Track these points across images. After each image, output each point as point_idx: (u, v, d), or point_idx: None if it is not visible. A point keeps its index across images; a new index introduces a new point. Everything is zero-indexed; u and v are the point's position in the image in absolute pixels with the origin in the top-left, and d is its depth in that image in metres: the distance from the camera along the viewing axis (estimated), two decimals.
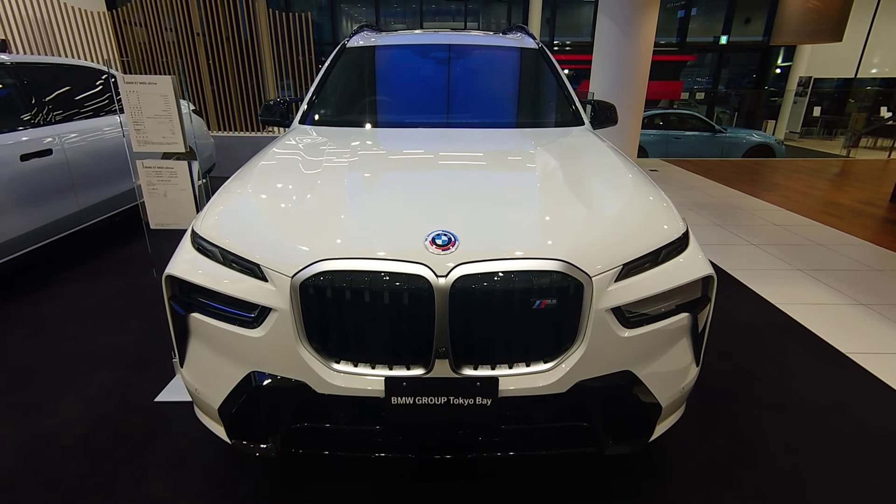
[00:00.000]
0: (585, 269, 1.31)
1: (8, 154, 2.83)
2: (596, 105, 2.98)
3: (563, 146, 2.31)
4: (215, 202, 1.67)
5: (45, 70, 3.41)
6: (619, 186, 1.78)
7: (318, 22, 16.48)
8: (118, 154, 3.69)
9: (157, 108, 1.80)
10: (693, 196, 5.89)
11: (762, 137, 9.89)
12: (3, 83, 3.08)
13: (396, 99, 2.85)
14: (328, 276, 1.28)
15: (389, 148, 2.22)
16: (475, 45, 3.09)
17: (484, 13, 17.04)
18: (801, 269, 3.63)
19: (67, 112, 3.43)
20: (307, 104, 2.68)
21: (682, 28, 15.40)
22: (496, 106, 2.83)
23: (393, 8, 17.07)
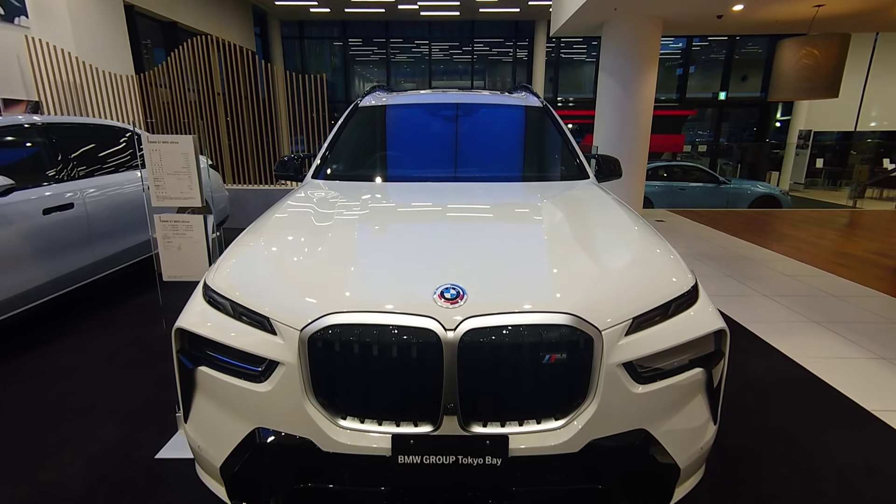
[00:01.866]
0: (595, 322, 1.30)
1: (31, 208, 2.93)
2: (600, 159, 3.05)
3: (568, 199, 2.35)
4: (228, 255, 1.70)
5: (73, 129, 3.60)
6: (626, 239, 1.79)
7: (332, 81, 17.35)
8: (135, 207, 3.81)
9: (177, 165, 1.88)
10: (701, 246, 5.88)
11: (767, 188, 9.99)
12: (33, 142, 3.25)
13: (406, 154, 2.95)
14: (337, 329, 1.29)
15: (399, 201, 2.27)
16: (482, 104, 3.21)
17: (490, 72, 17.88)
18: (818, 322, 3.56)
19: (90, 167, 3.58)
20: (320, 159, 2.77)
21: (681, 85, 16.00)
22: (502, 161, 2.91)
23: (403, 68, 17.99)
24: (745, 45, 15.84)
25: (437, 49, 17.34)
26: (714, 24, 7.17)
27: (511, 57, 17.35)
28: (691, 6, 6.19)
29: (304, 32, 16.92)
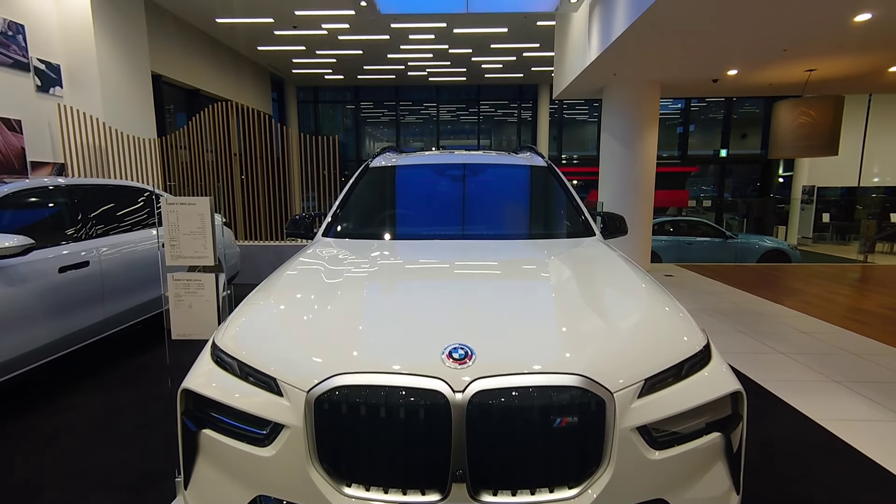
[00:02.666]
0: (606, 384, 1.28)
1: (48, 267, 3.00)
2: (606, 216, 3.09)
3: (575, 256, 2.37)
4: (238, 314, 1.71)
5: (93, 190, 3.75)
6: (634, 297, 1.78)
7: (344, 141, 18.06)
8: (147, 264, 3.87)
9: (192, 226, 1.94)
10: (712, 301, 5.81)
11: (775, 243, 9.98)
12: (55, 202, 3.38)
13: (415, 213, 3.01)
14: (344, 390, 1.27)
15: (408, 258, 2.30)
16: (488, 164, 3.31)
17: (496, 132, 18.55)
18: (838, 381, 3.44)
19: (108, 226, 3.69)
20: (331, 217, 2.84)
21: (682, 142, 16.44)
22: (509, 219, 2.96)
23: (412, 129, 18.74)
24: (743, 106, 16.40)
25: (445, 110, 18.12)
26: (710, 88, 7.48)
27: (516, 117, 18.05)
28: (687, 71, 6.49)
29: (318, 97, 17.83)
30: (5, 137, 5.64)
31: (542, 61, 12.96)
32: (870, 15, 4.10)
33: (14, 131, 5.75)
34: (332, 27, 10.05)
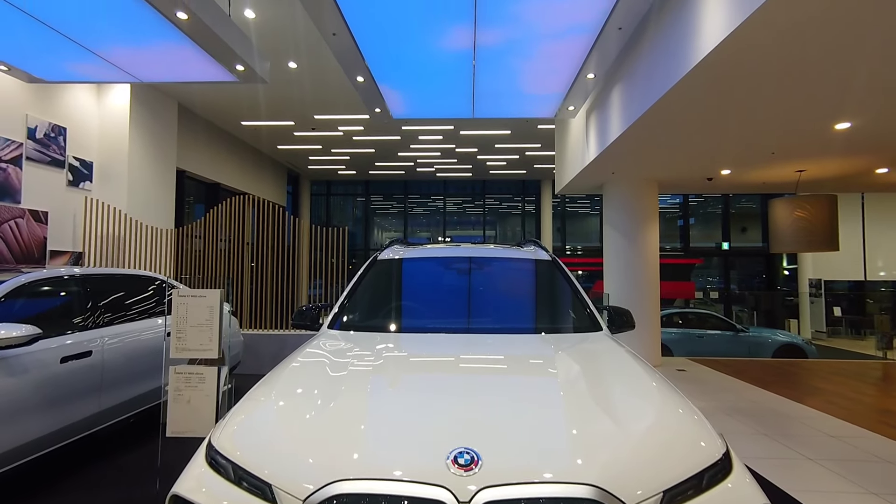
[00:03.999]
0: (622, 496, 1.20)
1: (51, 357, 2.97)
2: (612, 311, 3.08)
3: (583, 353, 2.32)
4: (237, 411, 1.66)
5: (106, 279, 3.83)
6: (646, 398, 1.73)
7: (353, 231, 18.63)
8: (148, 354, 3.83)
9: (201, 318, 1.97)
10: (729, 400, 5.55)
11: (789, 337, 9.76)
12: (68, 291, 3.44)
13: (421, 306, 3.02)
14: (342, 499, 1.20)
15: (413, 352, 2.27)
16: (493, 257, 3.38)
17: (500, 223, 19.11)
18: (877, 494, 3.17)
19: (115, 315, 3.71)
20: (338, 308, 2.85)
21: (683, 235, 16.79)
22: (514, 313, 2.95)
23: (419, 220, 19.39)
24: (739, 201, 16.95)
25: (452, 203, 18.86)
26: (706, 186, 7.81)
27: (520, 210, 18.68)
28: (682, 171, 6.83)
29: (330, 190, 18.73)
30: (30, 228, 5.89)
31: (543, 159, 13.72)
32: (849, 124, 4.40)
33: (40, 222, 6.02)
34: (348, 129, 10.85)
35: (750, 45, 2.87)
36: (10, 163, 5.77)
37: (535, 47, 4.53)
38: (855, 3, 2.41)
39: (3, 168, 5.68)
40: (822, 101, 3.83)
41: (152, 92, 7.73)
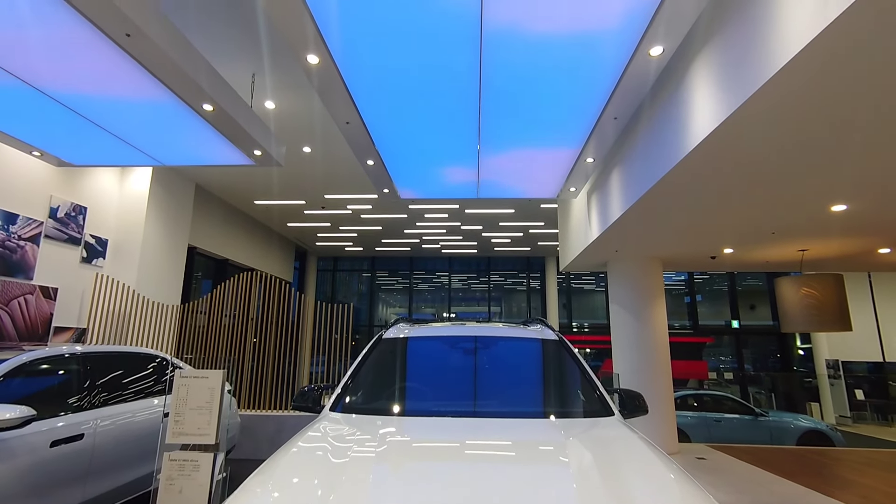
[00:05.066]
0: None
1: (40, 440, 2.86)
2: (623, 394, 2.98)
3: (595, 440, 2.21)
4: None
5: (107, 357, 3.78)
6: (665, 492, 1.62)
7: (358, 307, 18.57)
8: (141, 437, 3.68)
9: (201, 400, 1.91)
10: (755, 493, 5.17)
11: (812, 423, 9.27)
12: (67, 370, 3.39)
13: (426, 387, 2.94)
14: None
15: (417, 438, 2.18)
16: (499, 337, 3.34)
17: (506, 300, 19.03)
18: None
19: (112, 394, 3.62)
20: (341, 389, 2.78)
21: (691, 312, 16.56)
22: (522, 396, 2.86)
23: (425, 296, 19.37)
24: (745, 278, 16.91)
25: (457, 279, 18.93)
26: (710, 264, 7.85)
27: (525, 286, 18.69)
28: (685, 250, 6.90)
29: (337, 266, 18.95)
30: (38, 304, 5.93)
31: (547, 237, 13.96)
32: (845, 206, 4.51)
33: (48, 298, 6.08)
34: (357, 208, 11.21)
35: (737, 135, 3.03)
36: (29, 241, 5.95)
37: (536, 134, 4.80)
38: (835, 102, 2.57)
39: (21, 246, 5.85)
40: (816, 184, 3.96)
41: (172, 173, 8.13)
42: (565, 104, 4.16)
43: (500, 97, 4.07)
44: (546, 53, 3.38)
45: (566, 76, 3.68)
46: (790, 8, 2.22)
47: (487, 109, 4.28)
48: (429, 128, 4.72)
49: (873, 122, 2.83)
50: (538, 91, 3.92)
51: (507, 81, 3.79)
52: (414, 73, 3.67)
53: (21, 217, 5.87)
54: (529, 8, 2.94)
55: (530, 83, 3.80)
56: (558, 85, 3.82)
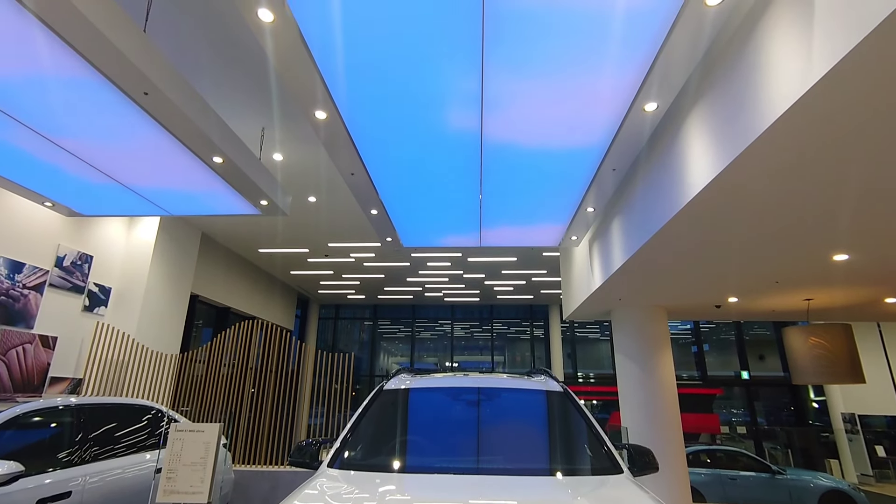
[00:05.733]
0: None
1: (26, 498, 2.75)
2: (632, 450, 2.88)
3: (604, 501, 2.12)
4: None
5: (101, 409, 3.70)
6: None
7: (359, 356, 18.28)
8: (130, 497, 3.52)
9: (195, 455, 1.85)
10: None
11: (833, 482, 8.84)
12: (60, 422, 3.30)
13: (427, 442, 2.86)
14: None
15: (418, 497, 2.09)
16: (502, 388, 3.28)
17: (509, 348, 18.71)
18: None
19: (103, 448, 3.51)
20: (340, 443, 2.70)
21: (699, 362, 16.20)
22: (526, 451, 2.77)
23: (427, 344, 19.08)
24: (753, 327, 16.67)
25: (459, 328, 18.72)
26: (715, 312, 7.77)
27: (528, 335, 18.44)
28: (689, 298, 6.86)
29: (339, 314, 18.83)
30: (36, 354, 5.88)
31: (550, 285, 13.93)
32: (847, 256, 4.52)
33: (47, 347, 6.02)
34: (360, 256, 11.29)
35: (732, 188, 3.09)
36: (33, 289, 5.97)
37: (537, 184, 4.91)
38: (824, 158, 2.64)
39: (25, 295, 5.86)
40: (816, 235, 3.99)
41: (179, 222, 8.27)
42: (565, 157, 4.28)
43: (501, 151, 4.19)
44: (544, 108, 3.51)
45: (565, 130, 3.80)
46: (774, 71, 2.32)
47: (489, 162, 4.40)
48: (431, 178, 4.83)
49: (864, 176, 2.89)
50: (538, 146, 4.05)
51: (508, 138, 3.93)
52: (417, 128, 3.81)
53: (27, 266, 5.93)
54: (526, 82, 3.08)
55: (530, 137, 3.93)
56: (557, 139, 3.94)
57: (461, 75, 3.17)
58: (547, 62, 3.02)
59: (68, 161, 4.67)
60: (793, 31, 2.20)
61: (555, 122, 3.66)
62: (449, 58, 3.01)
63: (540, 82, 3.22)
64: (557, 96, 3.35)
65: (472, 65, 3.06)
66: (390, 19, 2.72)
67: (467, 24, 2.74)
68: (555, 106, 3.46)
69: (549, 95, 3.34)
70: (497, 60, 3.02)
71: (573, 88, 3.27)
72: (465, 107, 3.50)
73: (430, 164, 4.48)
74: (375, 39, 2.87)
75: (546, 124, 3.67)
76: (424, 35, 2.83)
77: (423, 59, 3.02)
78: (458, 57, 3.00)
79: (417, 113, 3.60)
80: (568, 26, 2.72)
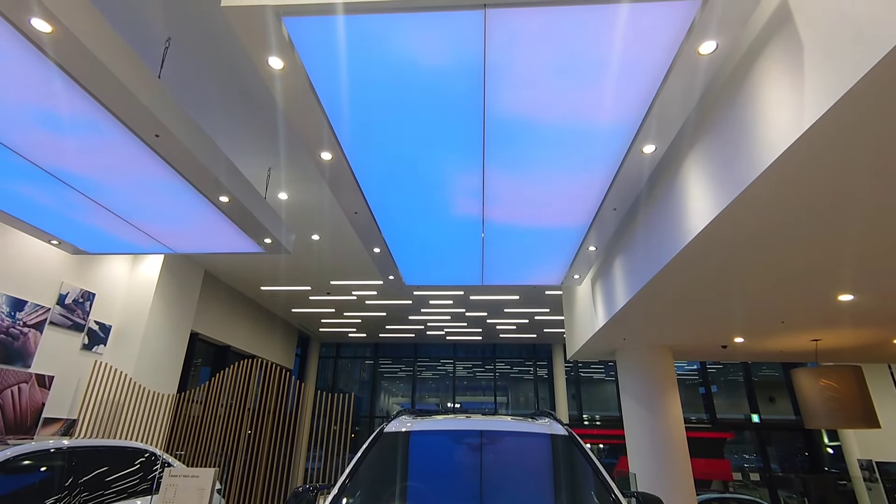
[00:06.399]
0: None
1: None
2: (641, 498, 2.77)
3: None
4: None
5: (93, 452, 3.60)
6: None
7: (359, 396, 17.90)
8: None
9: (188, 502, 1.79)
10: None
11: None
12: (51, 466, 3.21)
13: (429, 488, 2.76)
14: None
15: None
16: (506, 431, 3.20)
17: (512, 389, 18.32)
18: None
19: (93, 494, 3.39)
20: (338, 489, 2.62)
21: (707, 404, 15.78)
22: (530, 499, 2.67)
23: (428, 384, 18.71)
24: (761, 369, 16.33)
25: (461, 367, 18.41)
26: (721, 353, 7.64)
27: (532, 374, 18.09)
28: (694, 339, 6.76)
29: (339, 353, 18.60)
30: (31, 394, 5.79)
31: (553, 324, 13.79)
32: (852, 297, 4.48)
33: (43, 387, 5.94)
34: (362, 294, 11.26)
35: (731, 230, 3.12)
36: (33, 327, 5.94)
37: (538, 223, 4.95)
38: (820, 204, 2.67)
39: (25, 333, 5.83)
40: (819, 275, 3.97)
41: (183, 259, 8.31)
42: (565, 196, 4.33)
43: (501, 193, 4.26)
44: (546, 148, 3.59)
45: (566, 169, 3.87)
46: (767, 117, 2.39)
47: (491, 201, 4.46)
48: (434, 217, 4.89)
49: (862, 221, 2.91)
50: (539, 183, 4.11)
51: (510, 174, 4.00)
52: (421, 168, 3.89)
53: (29, 304, 5.93)
54: (530, 103, 3.18)
55: (531, 174, 4.00)
56: (558, 178, 4.01)
57: (463, 129, 3.26)
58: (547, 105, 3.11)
59: (76, 199, 4.76)
60: (783, 81, 2.27)
61: (557, 154, 3.73)
62: (451, 109, 3.10)
63: (541, 134, 3.31)
64: (558, 138, 3.43)
65: (474, 117, 3.16)
66: (395, 73, 2.83)
67: (470, 82, 2.84)
68: (555, 148, 3.54)
69: (550, 137, 3.43)
70: (499, 109, 3.11)
71: (573, 131, 3.35)
72: (467, 145, 3.58)
73: (432, 203, 4.54)
74: (381, 87, 2.97)
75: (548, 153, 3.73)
76: (426, 86, 2.93)
77: (426, 108, 3.12)
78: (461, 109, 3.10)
79: (421, 155, 3.68)
80: (568, 70, 2.82)
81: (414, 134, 3.42)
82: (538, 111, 3.16)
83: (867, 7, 1.75)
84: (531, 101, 3.07)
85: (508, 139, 3.47)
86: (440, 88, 2.97)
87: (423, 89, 2.98)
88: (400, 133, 3.43)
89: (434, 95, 3.04)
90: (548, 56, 2.70)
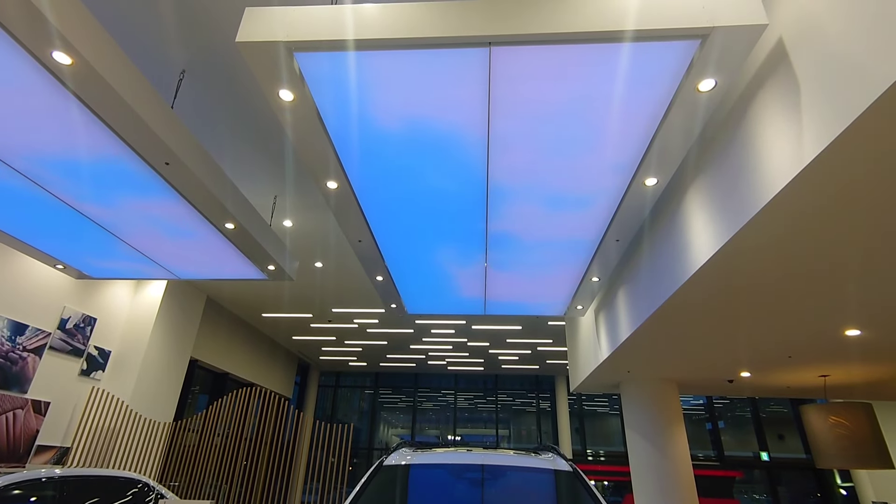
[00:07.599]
0: None
1: None
2: None
3: None
4: None
5: (85, 482, 3.52)
6: None
7: (358, 426, 17.54)
8: None
9: None
10: None
11: None
12: (41, 496, 3.14)
13: None
14: None
15: None
16: (508, 466, 3.12)
17: (514, 421, 17.93)
18: None
19: None
20: None
21: (715, 440, 15.37)
22: None
23: (429, 415, 18.35)
24: (769, 404, 15.98)
25: (463, 398, 18.09)
26: (728, 388, 7.50)
27: (534, 407, 17.75)
28: (700, 372, 6.65)
29: (339, 381, 18.35)
30: (26, 420, 5.70)
31: (555, 355, 13.62)
32: (859, 332, 4.43)
33: (38, 413, 5.85)
34: (363, 322, 11.19)
35: (734, 263, 3.11)
36: (33, 352, 5.91)
37: (542, 254, 4.96)
38: (823, 237, 2.68)
39: (24, 357, 5.79)
40: (823, 310, 3.94)
41: (185, 285, 8.32)
42: (568, 226, 4.36)
43: (503, 224, 4.29)
44: (550, 179, 3.63)
45: (568, 198, 3.91)
46: (767, 153, 2.42)
47: (495, 231, 4.48)
48: (437, 246, 4.90)
49: (865, 256, 2.90)
50: (542, 212, 4.14)
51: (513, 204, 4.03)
52: (425, 197, 3.93)
53: (30, 328, 5.91)
54: (533, 136, 3.23)
55: (535, 204, 4.03)
56: (561, 209, 4.04)
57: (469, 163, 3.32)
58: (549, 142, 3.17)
59: (82, 225, 4.81)
60: (781, 117, 2.32)
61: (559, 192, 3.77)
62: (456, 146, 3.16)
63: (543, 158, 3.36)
64: (560, 170, 3.48)
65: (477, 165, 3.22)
66: (401, 106, 2.90)
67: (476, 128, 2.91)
68: (558, 178, 3.59)
69: (552, 167, 3.47)
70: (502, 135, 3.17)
71: (575, 165, 3.40)
72: (470, 174, 3.63)
73: (436, 230, 4.57)
74: (387, 119, 3.04)
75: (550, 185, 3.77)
76: (432, 119, 3.00)
77: (431, 139, 3.18)
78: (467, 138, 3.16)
79: (426, 186, 3.73)
80: (570, 106, 2.88)
81: (419, 164, 3.48)
82: (541, 145, 3.21)
83: (866, 45, 1.80)
84: (534, 134, 3.13)
85: (512, 175, 3.51)
86: (446, 123, 3.04)
87: (429, 122, 3.05)
88: (405, 163, 3.48)
89: (439, 127, 3.10)
90: (550, 92, 2.77)
